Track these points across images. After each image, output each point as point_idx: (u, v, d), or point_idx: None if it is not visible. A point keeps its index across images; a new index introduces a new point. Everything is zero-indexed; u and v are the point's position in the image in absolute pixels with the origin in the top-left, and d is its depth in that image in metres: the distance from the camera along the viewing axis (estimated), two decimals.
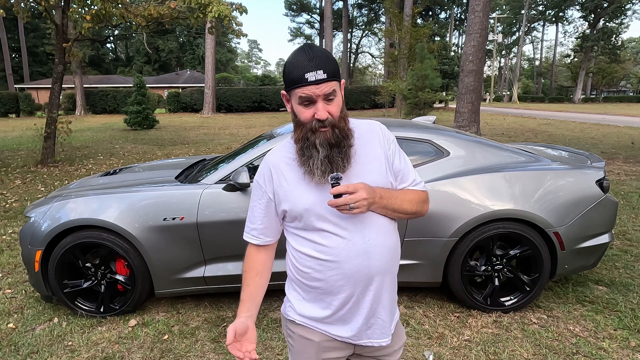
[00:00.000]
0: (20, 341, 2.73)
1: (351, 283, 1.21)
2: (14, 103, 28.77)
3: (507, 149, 3.20)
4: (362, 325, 1.25)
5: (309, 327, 1.27)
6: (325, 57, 1.14)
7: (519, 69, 57.29)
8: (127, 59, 61.39)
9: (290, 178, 1.23)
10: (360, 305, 1.24)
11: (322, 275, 1.22)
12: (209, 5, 8.47)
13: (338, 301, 1.23)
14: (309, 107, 1.15)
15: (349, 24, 45.72)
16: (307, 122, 1.17)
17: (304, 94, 1.13)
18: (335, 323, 1.26)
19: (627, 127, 16.63)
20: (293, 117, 1.22)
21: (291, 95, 1.17)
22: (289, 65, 1.15)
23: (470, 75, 10.04)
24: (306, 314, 1.27)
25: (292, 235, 1.28)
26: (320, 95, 1.13)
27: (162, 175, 3.51)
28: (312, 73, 1.12)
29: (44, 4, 8.00)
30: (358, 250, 1.20)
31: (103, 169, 8.79)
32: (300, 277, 1.26)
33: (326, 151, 1.16)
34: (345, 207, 1.11)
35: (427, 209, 1.36)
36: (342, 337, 1.26)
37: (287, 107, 1.23)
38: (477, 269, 2.96)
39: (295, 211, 1.21)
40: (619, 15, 45.34)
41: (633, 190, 6.24)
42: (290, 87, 1.15)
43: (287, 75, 1.15)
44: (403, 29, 22.88)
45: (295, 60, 1.14)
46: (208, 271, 2.92)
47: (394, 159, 1.29)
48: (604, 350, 2.51)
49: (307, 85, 1.12)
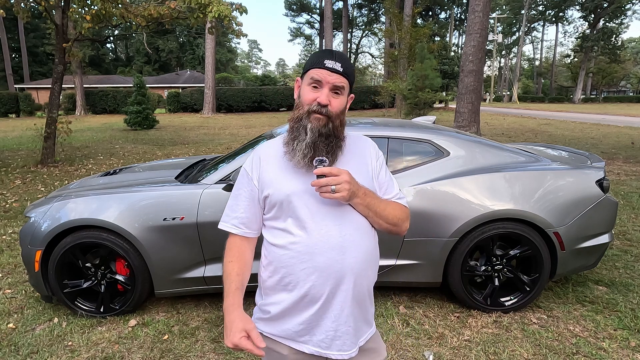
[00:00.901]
0: (20, 341, 2.73)
1: (323, 277, 1.17)
2: (14, 103, 28.76)
3: (507, 149, 3.20)
4: (331, 331, 1.20)
5: (278, 341, 1.25)
6: (347, 59, 1.22)
7: (519, 69, 57.29)
8: (127, 59, 61.38)
9: (276, 166, 1.25)
10: (331, 306, 1.19)
11: (294, 268, 1.18)
12: (209, 5, 8.47)
13: (309, 297, 1.18)
14: (315, 90, 1.20)
15: (349, 24, 45.71)
16: (306, 104, 1.20)
17: (317, 76, 1.19)
18: (304, 333, 1.21)
19: (627, 127, 16.63)
20: (296, 98, 1.26)
21: (304, 78, 1.23)
22: (313, 55, 1.23)
23: (470, 75, 10.04)
24: (275, 327, 1.25)
25: (268, 230, 1.27)
26: (330, 83, 1.18)
27: (162, 175, 3.51)
28: (331, 62, 1.19)
29: (44, 4, 8.00)
30: (332, 244, 1.17)
31: (103, 169, 8.79)
32: (272, 274, 1.23)
33: (314, 137, 1.18)
34: (327, 189, 1.11)
35: (406, 227, 1.35)
36: (310, 351, 1.22)
37: (295, 94, 1.28)
38: (477, 269, 2.95)
39: (276, 196, 1.21)
40: (619, 15, 45.33)
41: (633, 190, 6.24)
42: (307, 69, 1.22)
43: (308, 61, 1.23)
44: (403, 29, 22.89)
45: (319, 52, 1.23)
46: (208, 271, 2.92)
47: (380, 171, 1.33)
48: (604, 350, 2.51)
49: (322, 69, 1.18)
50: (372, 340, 1.32)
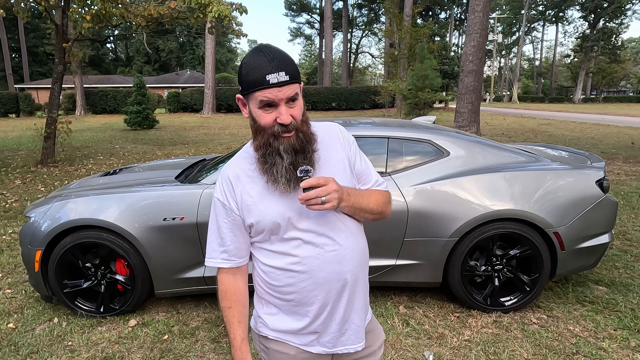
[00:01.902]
0: (20, 341, 2.73)
1: (325, 291, 1.16)
2: (14, 103, 28.77)
3: (507, 149, 3.20)
4: (336, 332, 1.20)
5: (284, 342, 1.22)
6: (285, 57, 1.07)
7: (519, 69, 57.29)
8: (127, 59, 61.38)
9: (253, 191, 1.15)
10: (335, 313, 1.19)
11: (295, 287, 1.16)
12: (209, 5, 8.46)
13: (313, 312, 1.18)
14: (269, 111, 1.08)
15: (349, 24, 45.72)
16: (268, 127, 1.09)
17: (266, 98, 1.05)
18: (310, 335, 1.21)
19: (627, 127, 16.63)
20: (252, 123, 1.13)
21: (249, 99, 1.10)
22: (247, 67, 1.07)
23: (470, 75, 10.04)
24: (280, 328, 1.21)
25: (259, 250, 1.21)
26: (283, 99, 1.06)
27: (162, 175, 3.51)
28: (273, 75, 1.04)
29: (44, 4, 8.00)
30: (330, 258, 1.15)
31: (103, 169, 8.79)
32: (272, 291, 1.20)
33: (291, 158, 1.09)
34: (317, 201, 1.05)
35: (390, 210, 1.32)
36: (317, 350, 1.21)
37: (243, 113, 1.15)
38: (477, 269, 2.95)
39: (262, 224, 1.14)
40: (619, 15, 45.34)
41: (633, 190, 6.24)
42: (249, 90, 1.07)
43: (245, 77, 1.07)
44: (403, 29, 22.89)
45: (253, 62, 1.06)
46: (208, 271, 2.92)
47: (355, 160, 1.26)
48: (604, 350, 2.51)
49: (268, 88, 1.05)
50: (370, 323, 1.32)
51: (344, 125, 3.23)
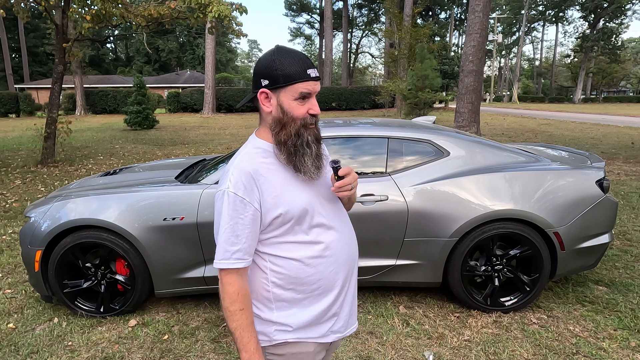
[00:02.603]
0: (20, 341, 2.73)
1: (345, 272, 1.25)
2: (14, 103, 28.76)
3: (507, 149, 3.20)
4: (348, 313, 1.29)
5: (303, 341, 1.21)
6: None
7: (519, 69, 57.29)
8: (127, 59, 61.37)
9: (277, 182, 1.16)
10: (348, 293, 1.29)
11: (322, 274, 1.20)
12: (209, 5, 8.47)
13: (334, 294, 1.24)
14: (302, 103, 1.15)
15: (349, 24, 45.72)
16: (300, 118, 1.15)
17: (307, 90, 1.13)
18: (329, 321, 1.24)
19: (627, 127, 16.63)
20: (279, 116, 1.15)
21: (283, 92, 1.13)
22: (283, 61, 1.11)
23: (470, 75, 10.04)
24: (303, 323, 1.20)
25: (277, 247, 1.18)
26: (316, 92, 1.16)
27: (162, 175, 3.51)
28: (312, 70, 1.14)
29: (44, 4, 8.00)
30: (347, 240, 1.26)
31: (103, 169, 8.79)
32: (293, 286, 1.19)
33: (315, 147, 1.19)
34: (348, 188, 1.19)
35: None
36: (332, 339, 1.26)
37: (265, 107, 1.16)
38: (477, 269, 2.95)
39: (291, 213, 1.15)
40: (619, 15, 45.34)
41: (633, 190, 6.24)
42: (290, 82, 1.11)
43: (282, 70, 1.11)
44: (403, 29, 22.89)
45: (289, 57, 1.13)
46: (208, 271, 2.92)
47: None
48: (604, 350, 2.51)
49: (309, 81, 1.13)
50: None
51: (344, 125, 3.23)
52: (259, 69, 1.15)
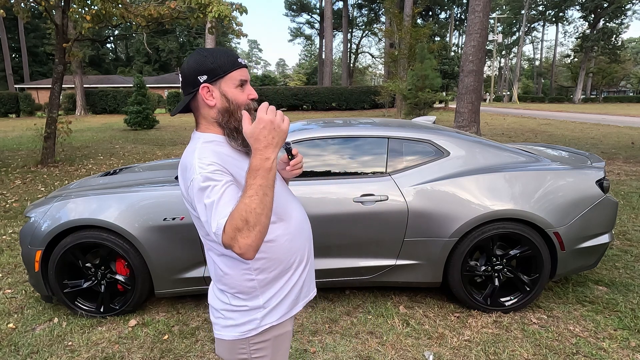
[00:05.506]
0: (20, 341, 2.73)
1: (308, 239, 1.33)
2: (14, 103, 28.76)
3: (507, 149, 3.20)
4: (308, 279, 1.35)
5: (283, 322, 1.27)
6: None
7: (519, 69, 57.29)
8: (127, 59, 61.37)
9: (240, 165, 1.16)
10: (311, 256, 1.36)
11: (297, 247, 1.26)
12: (209, 5, 8.47)
13: (305, 260, 1.31)
14: (242, 90, 1.21)
15: (349, 24, 45.72)
16: (244, 104, 1.21)
17: (243, 76, 1.20)
18: (301, 288, 1.30)
19: (627, 127, 16.63)
20: (225, 106, 1.18)
21: (223, 82, 1.18)
22: (213, 56, 1.18)
23: (470, 75, 10.04)
24: (288, 300, 1.27)
25: None
26: (249, 79, 1.23)
27: (162, 175, 3.51)
28: (241, 59, 1.21)
29: (44, 4, 8.00)
30: (303, 211, 1.35)
31: (103, 169, 8.79)
32: (274, 266, 1.21)
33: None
34: (299, 166, 1.32)
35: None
36: (299, 308, 1.32)
37: (209, 102, 1.17)
38: (477, 269, 2.95)
39: None
40: (619, 15, 45.36)
41: (633, 190, 6.24)
42: (227, 71, 1.17)
43: (216, 63, 1.17)
44: (403, 29, 22.89)
45: (216, 52, 1.19)
46: (208, 271, 2.91)
47: None
48: (604, 350, 2.51)
49: (242, 68, 1.20)
50: None
51: (344, 125, 3.23)
52: (193, 68, 1.18)
